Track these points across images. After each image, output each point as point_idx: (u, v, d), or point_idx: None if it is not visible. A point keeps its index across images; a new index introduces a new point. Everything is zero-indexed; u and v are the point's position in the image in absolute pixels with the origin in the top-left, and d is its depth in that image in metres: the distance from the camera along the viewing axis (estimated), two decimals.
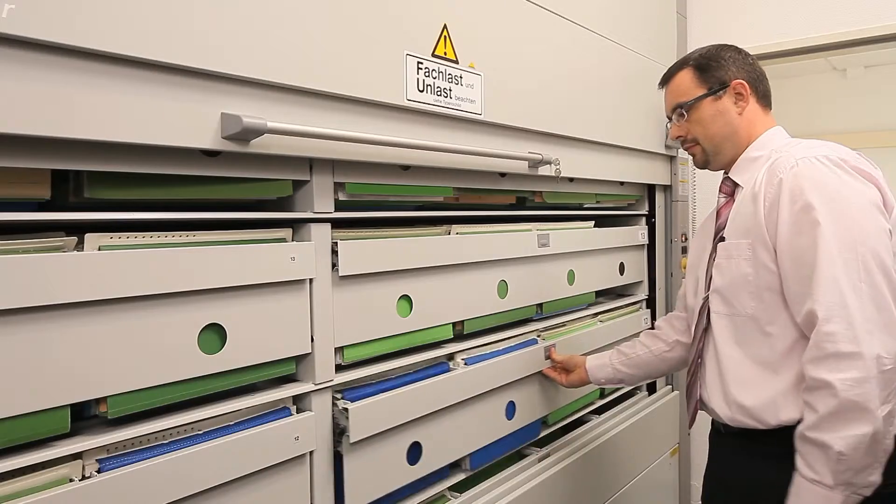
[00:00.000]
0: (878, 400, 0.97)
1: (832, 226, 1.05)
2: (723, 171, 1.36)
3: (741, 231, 1.20)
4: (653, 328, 1.64)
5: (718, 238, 1.27)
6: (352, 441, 1.13)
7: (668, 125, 1.45)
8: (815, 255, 1.05)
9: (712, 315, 1.27)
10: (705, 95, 1.30)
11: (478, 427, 1.46)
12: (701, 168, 1.39)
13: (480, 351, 1.50)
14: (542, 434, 1.74)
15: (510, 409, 1.58)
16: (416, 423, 1.28)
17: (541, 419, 1.72)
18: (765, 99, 1.32)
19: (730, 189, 1.31)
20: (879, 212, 1.09)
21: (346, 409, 1.13)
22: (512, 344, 1.60)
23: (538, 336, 1.71)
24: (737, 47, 1.34)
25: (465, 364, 1.44)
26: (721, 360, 1.24)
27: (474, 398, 1.44)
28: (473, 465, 1.47)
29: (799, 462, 1.05)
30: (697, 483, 2.54)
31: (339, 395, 1.17)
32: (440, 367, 1.39)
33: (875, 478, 1.00)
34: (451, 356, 1.43)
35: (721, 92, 1.29)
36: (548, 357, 1.68)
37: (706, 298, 1.28)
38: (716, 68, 1.31)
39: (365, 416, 1.15)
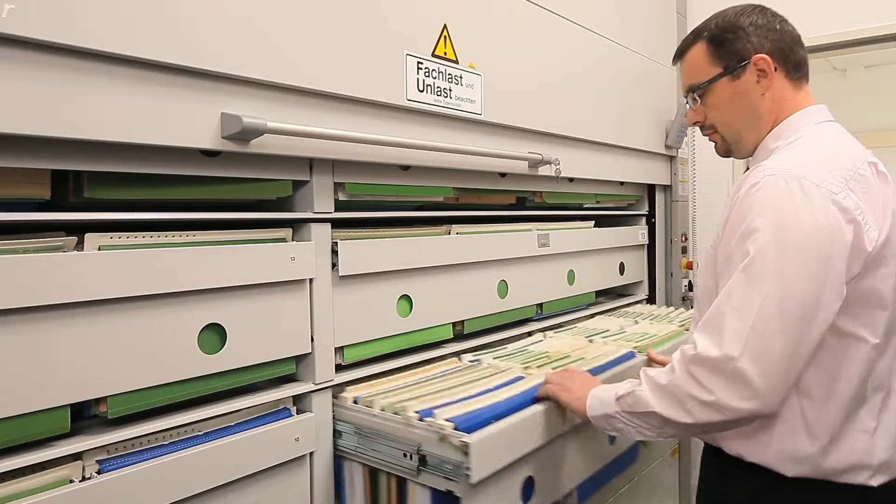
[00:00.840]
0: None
1: (765, 257, 0.91)
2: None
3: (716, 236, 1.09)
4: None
5: None
6: (474, 481, 0.95)
7: (685, 106, 1.24)
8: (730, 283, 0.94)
9: (691, 325, 1.16)
10: (721, 75, 1.10)
11: (585, 455, 1.30)
12: (724, 157, 1.22)
13: (587, 366, 1.34)
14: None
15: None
16: (531, 454, 1.11)
17: (640, 441, 1.60)
18: (796, 71, 1.09)
19: None
20: (833, 259, 0.91)
21: (465, 444, 0.95)
22: (610, 359, 1.43)
23: (635, 349, 1.54)
24: (763, 8, 1.11)
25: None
26: None
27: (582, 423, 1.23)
28: (581, 498, 1.31)
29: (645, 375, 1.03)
30: (697, 483, 2.54)
31: (447, 424, 0.99)
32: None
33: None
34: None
35: (739, 70, 1.09)
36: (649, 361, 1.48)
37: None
38: (733, 41, 1.09)
39: (487, 450, 0.98)
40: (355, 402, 1.14)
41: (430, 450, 1.00)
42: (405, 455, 1.04)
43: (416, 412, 1.04)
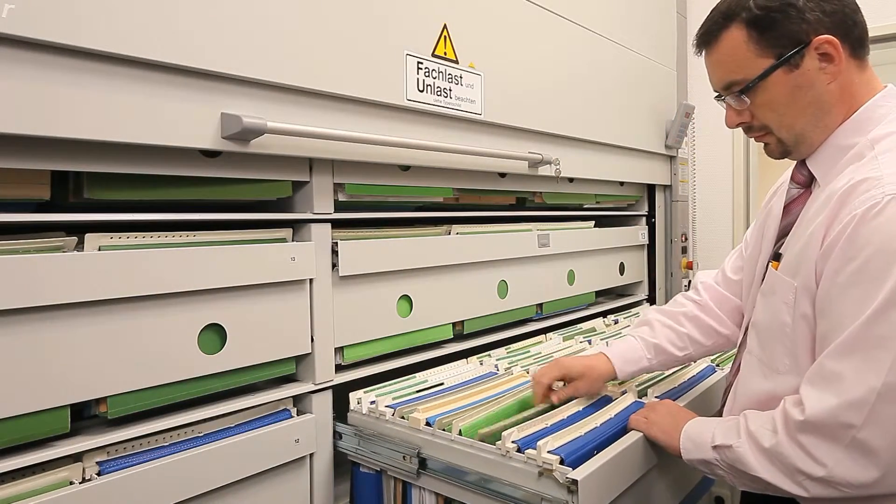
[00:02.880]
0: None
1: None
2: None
3: (794, 263, 0.88)
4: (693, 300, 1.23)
5: (777, 248, 0.95)
6: None
7: (720, 103, 0.98)
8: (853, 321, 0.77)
9: (745, 353, 1.00)
10: (775, 67, 0.88)
11: (678, 481, 1.20)
12: (779, 159, 0.98)
13: (667, 385, 1.29)
14: None
15: None
16: (631, 487, 1.02)
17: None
18: (859, 49, 0.89)
19: (804, 179, 0.95)
20: None
21: (573, 481, 0.85)
22: (691, 376, 1.37)
23: (715, 365, 1.47)
24: None
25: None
26: (743, 407, 0.96)
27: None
28: None
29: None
30: None
31: (552, 458, 0.88)
32: (637, 407, 1.14)
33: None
34: (643, 393, 1.22)
35: (797, 57, 0.87)
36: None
37: (748, 326, 1.02)
38: (783, 22, 0.86)
39: (593, 487, 0.88)
40: (428, 423, 1.04)
41: (551, 493, 0.87)
42: (404, 457, 1.03)
43: (514, 442, 0.94)
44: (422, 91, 1.24)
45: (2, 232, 0.81)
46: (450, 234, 1.43)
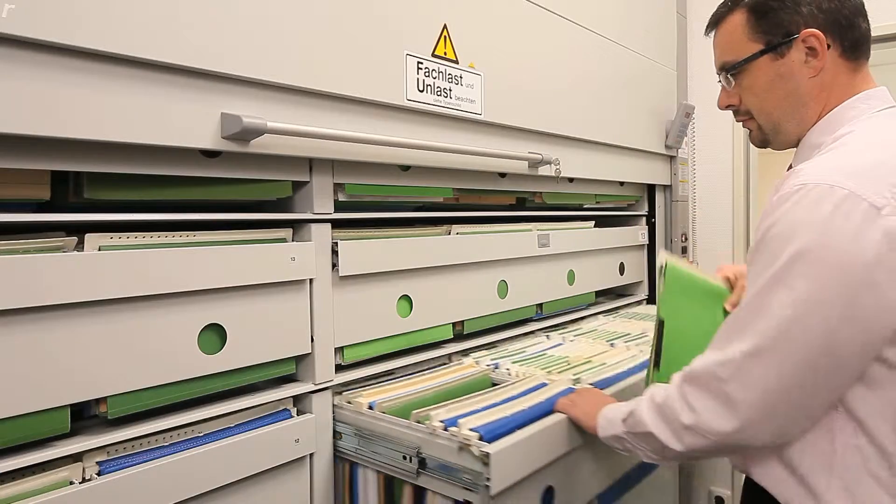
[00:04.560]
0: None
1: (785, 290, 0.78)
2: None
3: None
4: None
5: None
6: (493, 493, 0.93)
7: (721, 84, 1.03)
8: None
9: None
10: (762, 52, 0.93)
11: (607, 463, 1.26)
12: (759, 147, 1.03)
13: (608, 372, 1.35)
14: None
15: None
16: (551, 464, 1.09)
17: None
18: (854, 50, 0.91)
19: None
20: (863, 294, 0.74)
21: (486, 454, 0.93)
22: (625, 369, 1.41)
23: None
24: None
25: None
26: None
27: None
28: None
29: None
30: (697, 483, 2.54)
31: (472, 435, 0.97)
32: (567, 392, 1.21)
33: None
34: (577, 380, 1.28)
35: (784, 47, 0.91)
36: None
37: None
38: (778, 11, 0.91)
39: (507, 460, 0.96)
40: (370, 407, 1.12)
41: (469, 466, 0.95)
42: (405, 458, 1.04)
43: (442, 421, 1.02)
44: (422, 91, 1.24)
45: (2, 232, 0.81)
46: (450, 234, 1.43)
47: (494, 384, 1.34)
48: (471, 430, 0.99)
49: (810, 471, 0.84)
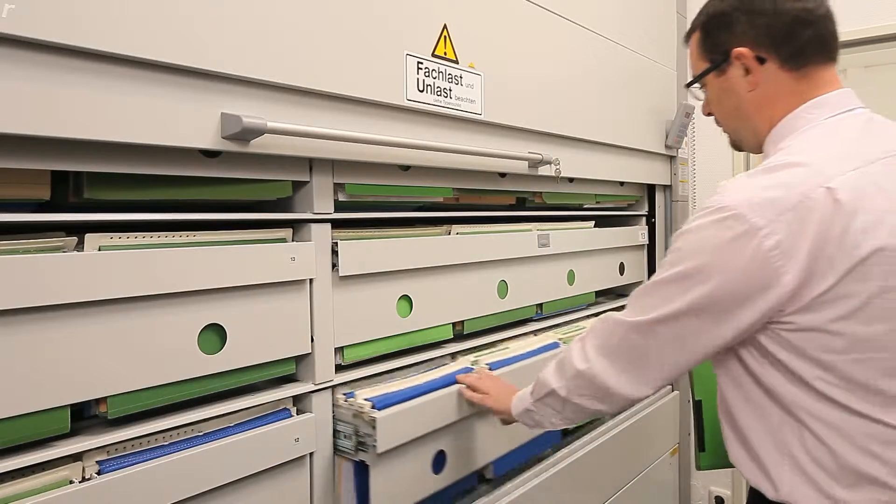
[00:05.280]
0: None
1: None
2: None
3: None
4: None
5: None
6: (379, 451, 1.08)
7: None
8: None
9: None
10: (707, 71, 1.01)
11: (501, 434, 1.41)
12: (736, 151, 1.13)
13: (502, 355, 1.47)
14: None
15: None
16: (441, 431, 1.24)
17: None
18: (795, 60, 0.92)
19: None
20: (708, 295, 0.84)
21: (373, 419, 1.08)
22: (534, 347, 1.56)
23: (560, 340, 1.65)
24: None
25: (490, 370, 1.39)
26: None
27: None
28: (497, 473, 1.44)
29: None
30: (697, 483, 2.54)
31: (366, 403, 1.12)
32: (465, 371, 1.34)
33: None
34: (475, 362, 1.39)
35: (725, 64, 0.97)
36: None
37: None
38: (717, 31, 0.98)
39: (392, 425, 1.11)
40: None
41: (363, 430, 1.11)
42: (344, 437, 1.16)
43: (344, 394, 1.16)
44: (422, 91, 1.24)
45: (2, 232, 0.81)
46: (450, 234, 1.43)
47: None
48: (365, 399, 1.12)
49: (762, 450, 0.90)
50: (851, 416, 0.82)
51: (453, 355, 1.44)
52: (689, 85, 1.07)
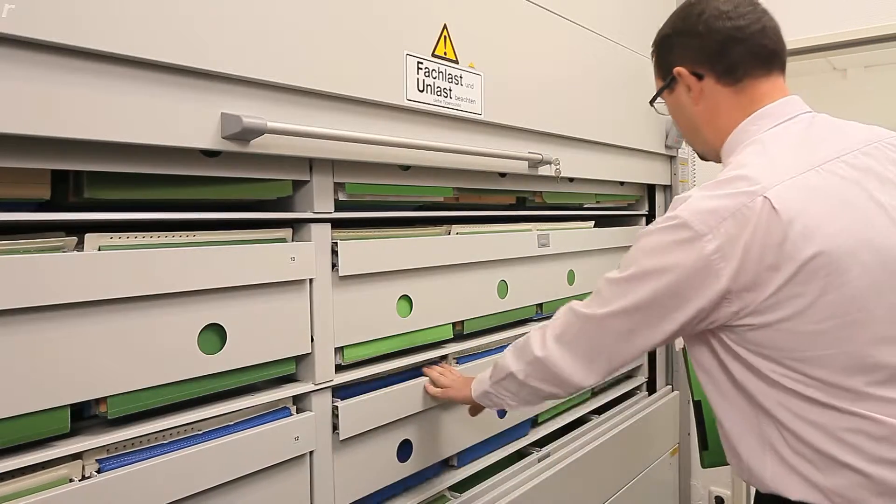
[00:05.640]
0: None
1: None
2: None
3: None
4: None
5: None
6: (341, 438, 1.14)
7: None
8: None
9: None
10: (661, 89, 1.11)
11: (468, 426, 1.46)
12: (702, 160, 1.19)
13: (474, 350, 1.51)
14: (541, 434, 1.74)
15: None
16: (406, 420, 1.29)
17: (531, 419, 1.71)
18: (729, 74, 0.99)
19: None
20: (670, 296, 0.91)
21: (335, 407, 1.15)
22: (505, 343, 1.59)
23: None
24: (701, 5, 1.03)
25: (458, 363, 1.44)
26: None
27: None
28: (462, 463, 1.48)
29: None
30: (697, 483, 2.54)
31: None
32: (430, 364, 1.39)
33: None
34: (444, 356, 1.42)
35: (672, 82, 1.07)
36: None
37: None
38: (666, 52, 1.09)
39: (354, 413, 1.17)
40: None
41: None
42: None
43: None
44: (422, 91, 1.24)
45: (2, 232, 0.81)
46: (450, 234, 1.43)
47: None
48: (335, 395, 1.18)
49: (746, 445, 0.96)
50: (822, 408, 0.87)
51: (445, 356, 1.44)
52: (651, 102, 1.19)
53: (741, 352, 0.91)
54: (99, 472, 0.85)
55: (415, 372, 1.34)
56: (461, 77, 1.34)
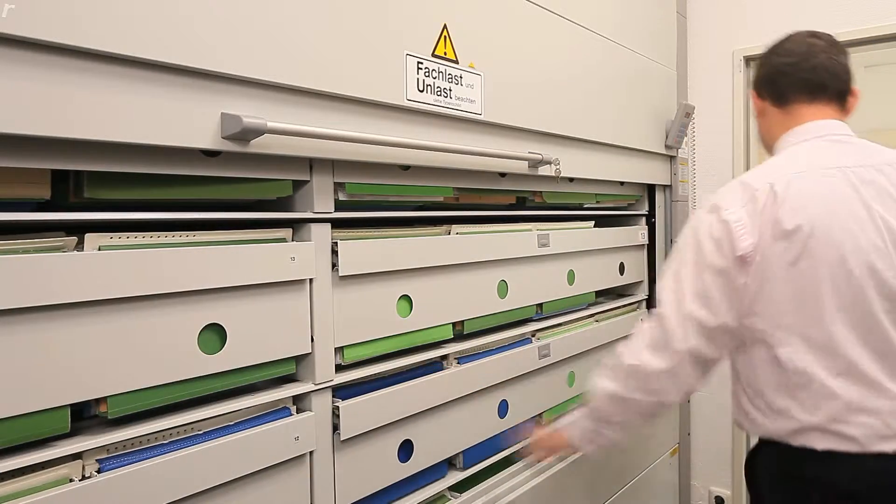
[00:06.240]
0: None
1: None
2: None
3: None
4: None
5: None
6: (342, 438, 1.15)
7: None
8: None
9: None
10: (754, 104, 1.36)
11: (470, 425, 1.47)
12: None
13: (475, 350, 1.51)
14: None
15: (503, 408, 1.57)
16: (407, 420, 1.29)
17: (534, 417, 1.72)
18: (779, 99, 1.25)
19: None
20: (711, 240, 1.14)
21: (336, 407, 1.15)
22: (506, 343, 1.60)
23: (532, 335, 1.71)
24: (783, 39, 1.27)
25: (458, 363, 1.44)
26: None
27: (466, 397, 1.44)
28: (466, 464, 1.48)
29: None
30: (697, 483, 2.54)
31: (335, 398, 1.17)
32: (433, 366, 1.40)
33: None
34: (444, 356, 1.42)
35: (754, 99, 1.35)
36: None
37: None
38: (754, 76, 1.35)
39: (355, 413, 1.17)
40: None
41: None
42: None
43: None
44: (422, 91, 1.24)
45: (2, 231, 0.81)
46: (450, 233, 1.43)
47: None
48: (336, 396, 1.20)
49: (740, 398, 1.21)
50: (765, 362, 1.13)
51: (445, 356, 1.44)
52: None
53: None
54: (99, 472, 0.85)
55: (415, 372, 1.35)
56: (461, 77, 1.34)
